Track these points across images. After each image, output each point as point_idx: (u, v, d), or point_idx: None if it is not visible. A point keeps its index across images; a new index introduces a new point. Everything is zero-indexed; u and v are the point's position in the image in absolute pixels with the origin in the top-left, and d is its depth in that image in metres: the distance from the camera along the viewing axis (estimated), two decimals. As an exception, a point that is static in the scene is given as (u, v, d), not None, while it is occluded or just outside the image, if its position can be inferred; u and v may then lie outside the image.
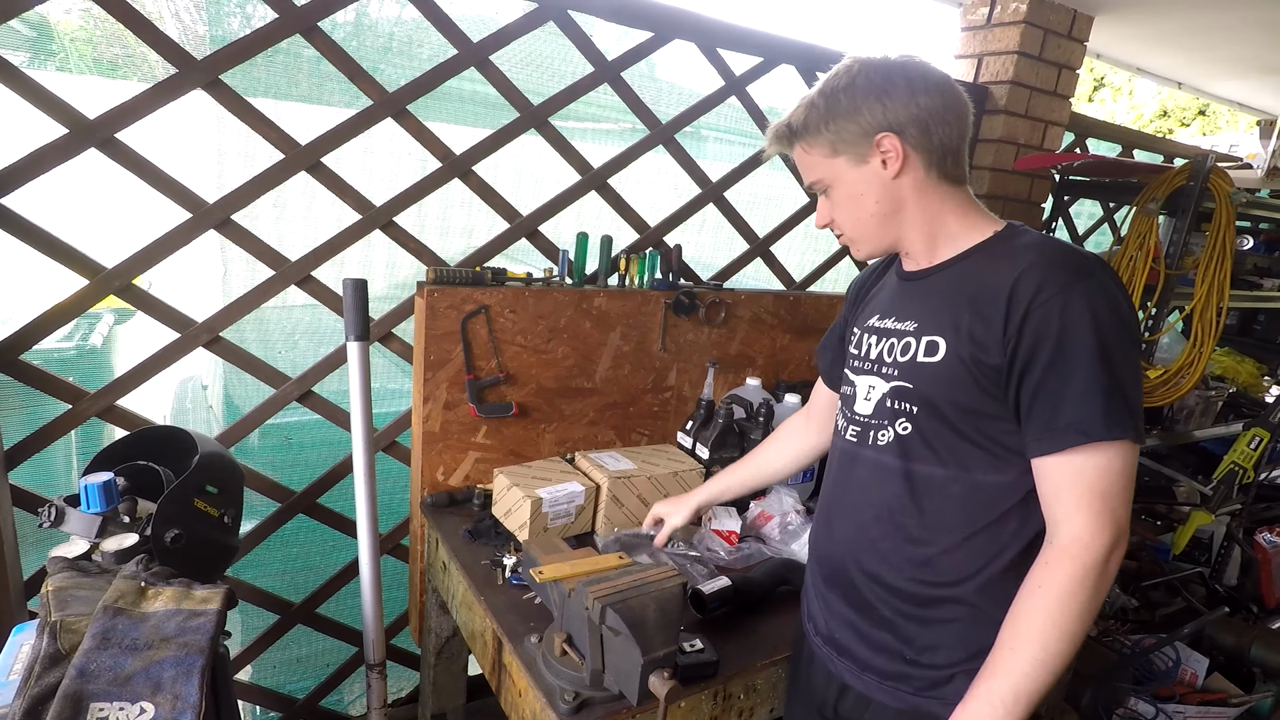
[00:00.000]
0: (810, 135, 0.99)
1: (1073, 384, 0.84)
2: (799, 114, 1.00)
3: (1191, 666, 2.31)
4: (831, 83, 0.97)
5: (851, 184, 0.98)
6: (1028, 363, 0.86)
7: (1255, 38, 2.55)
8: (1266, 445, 2.56)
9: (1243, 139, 3.46)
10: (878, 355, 1.03)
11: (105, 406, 1.45)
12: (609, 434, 1.87)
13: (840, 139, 0.96)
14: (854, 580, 1.05)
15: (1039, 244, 0.92)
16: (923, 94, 0.93)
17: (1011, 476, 0.92)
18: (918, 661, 0.99)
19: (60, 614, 0.89)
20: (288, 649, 1.90)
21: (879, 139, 0.94)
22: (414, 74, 1.60)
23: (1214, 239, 2.16)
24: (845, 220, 1.02)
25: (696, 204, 2.01)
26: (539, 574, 1.13)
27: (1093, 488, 0.85)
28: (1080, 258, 0.88)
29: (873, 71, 0.94)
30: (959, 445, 0.94)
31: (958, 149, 0.97)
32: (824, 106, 0.96)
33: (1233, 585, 2.99)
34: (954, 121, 0.95)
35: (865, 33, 16.70)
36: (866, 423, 1.04)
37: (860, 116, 0.94)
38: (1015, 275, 0.87)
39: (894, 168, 0.95)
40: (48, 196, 1.38)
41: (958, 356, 0.91)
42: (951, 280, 0.97)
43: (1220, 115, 10.30)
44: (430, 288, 1.56)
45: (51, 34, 1.52)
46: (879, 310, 1.07)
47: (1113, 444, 0.84)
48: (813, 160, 1.01)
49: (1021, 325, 0.85)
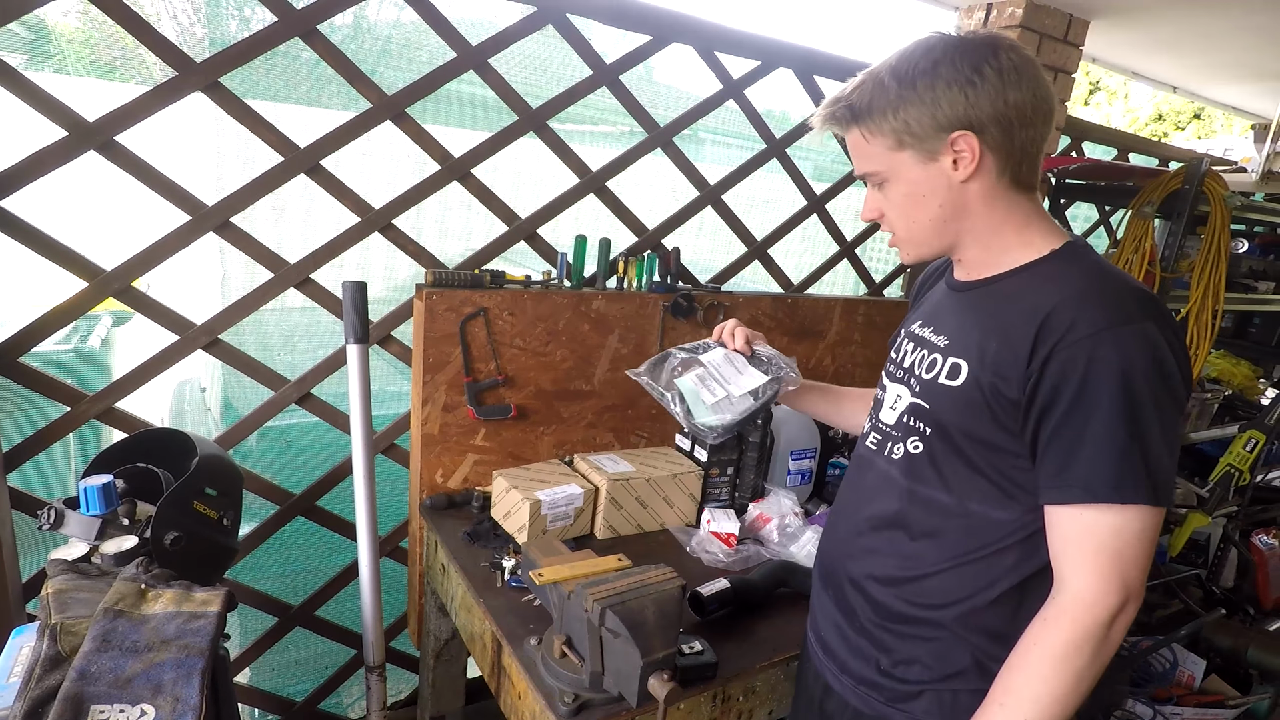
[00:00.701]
0: (874, 120, 0.86)
1: (1088, 438, 0.77)
2: (863, 93, 0.86)
3: (1189, 668, 2.32)
4: (907, 63, 0.83)
5: (913, 183, 0.87)
6: (1047, 406, 0.80)
7: (1249, 43, 2.57)
8: (1262, 447, 2.57)
9: (1238, 143, 3.48)
10: (910, 365, 0.98)
11: (104, 409, 1.45)
12: (607, 436, 1.88)
13: (909, 131, 0.84)
14: (843, 584, 1.04)
15: (1088, 273, 0.82)
16: (1013, 88, 0.81)
17: (1016, 514, 0.87)
18: (890, 673, 0.97)
19: (61, 616, 0.89)
20: (286, 651, 1.89)
21: (954, 137, 0.82)
22: (412, 76, 1.60)
23: (1209, 242, 2.17)
24: (899, 220, 0.92)
25: (694, 207, 2.01)
26: (538, 576, 1.13)
27: (1102, 546, 0.78)
28: (1129, 298, 0.78)
29: (960, 56, 0.81)
30: (966, 475, 0.89)
31: (1035, 154, 0.86)
32: (896, 91, 0.83)
33: (1229, 587, 3.00)
34: (1039, 123, 0.84)
35: (862, 36, 16.64)
36: (887, 433, 0.99)
37: (939, 108, 0.82)
38: (1051, 306, 0.79)
39: (965, 171, 0.84)
40: (47, 199, 1.39)
41: (978, 384, 0.86)
42: (991, 299, 0.89)
43: (1215, 119, 10.35)
44: (429, 290, 1.56)
45: (49, 36, 1.52)
46: (923, 316, 1.01)
47: (1124, 507, 0.77)
48: (871, 150, 0.88)
49: (1045, 363, 0.79)
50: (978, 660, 0.91)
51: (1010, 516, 0.87)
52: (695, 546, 1.56)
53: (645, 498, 1.61)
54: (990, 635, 0.91)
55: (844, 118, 0.89)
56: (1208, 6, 2.25)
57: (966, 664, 0.92)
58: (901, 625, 0.96)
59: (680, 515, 1.67)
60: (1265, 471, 2.87)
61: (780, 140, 2.09)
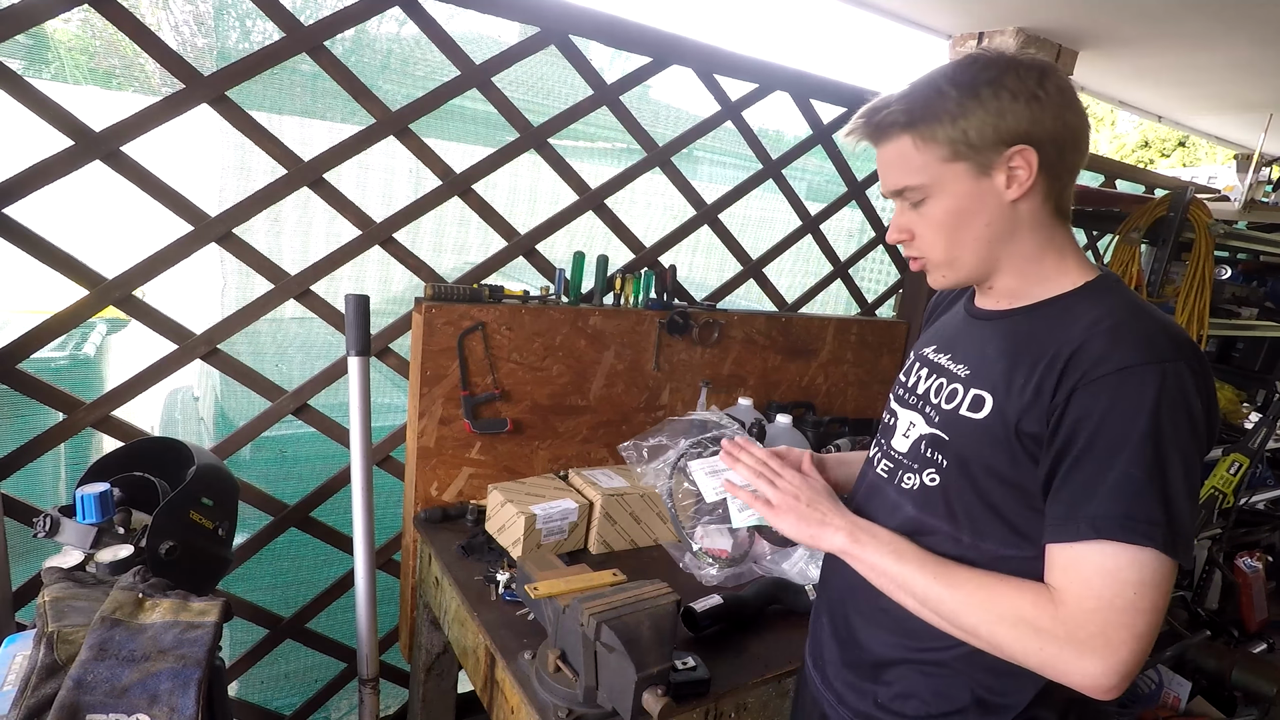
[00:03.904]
0: (930, 127, 0.81)
1: (1103, 477, 0.73)
2: (919, 99, 0.82)
3: (1174, 690, 2.34)
4: (968, 73, 0.80)
5: (961, 197, 0.83)
6: (1066, 443, 0.76)
7: (1232, 76, 2.64)
8: (1246, 470, 2.61)
9: (1221, 171, 3.56)
10: (925, 391, 0.94)
11: (101, 416, 1.45)
12: (602, 451, 1.89)
13: (967, 141, 0.80)
14: (845, 613, 1.01)
15: (1119, 309, 0.79)
16: (1070, 110, 0.79)
17: (1029, 554, 0.82)
18: (887, 707, 0.94)
19: (57, 624, 0.89)
20: (276, 664, 1.88)
21: (1013, 151, 0.79)
22: (411, 90, 1.62)
23: (1194, 269, 2.22)
24: (938, 239, 0.86)
25: (691, 225, 2.04)
26: (534, 590, 1.14)
27: (1102, 590, 0.72)
28: (1161, 337, 0.75)
29: (1025, 71, 0.79)
30: (981, 512, 0.85)
31: (1072, 183, 0.85)
32: (956, 98, 0.80)
33: (1214, 609, 3.02)
34: (1084, 150, 0.83)
35: (855, 63, 16.87)
36: (899, 461, 0.95)
37: (1004, 119, 0.79)
38: (1080, 341, 0.77)
39: (1018, 190, 0.81)
40: (48, 205, 1.39)
41: (1002, 417, 0.82)
42: (1019, 330, 0.85)
43: (1200, 147, 10.56)
44: (428, 304, 1.57)
45: (48, 43, 1.53)
46: (938, 341, 0.98)
47: (1136, 549, 0.71)
48: (920, 161, 0.83)
49: (1069, 399, 0.75)
50: (979, 697, 0.88)
51: (1023, 556, 0.83)
52: (688, 562, 1.56)
53: (639, 513, 1.62)
54: (995, 672, 0.86)
55: (896, 123, 0.84)
56: (1191, 41, 2.31)
57: (966, 701, 0.89)
58: (902, 661, 0.93)
59: (673, 531, 1.68)
60: (1249, 494, 2.91)
61: (776, 161, 2.13)
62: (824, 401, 2.31)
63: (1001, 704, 0.87)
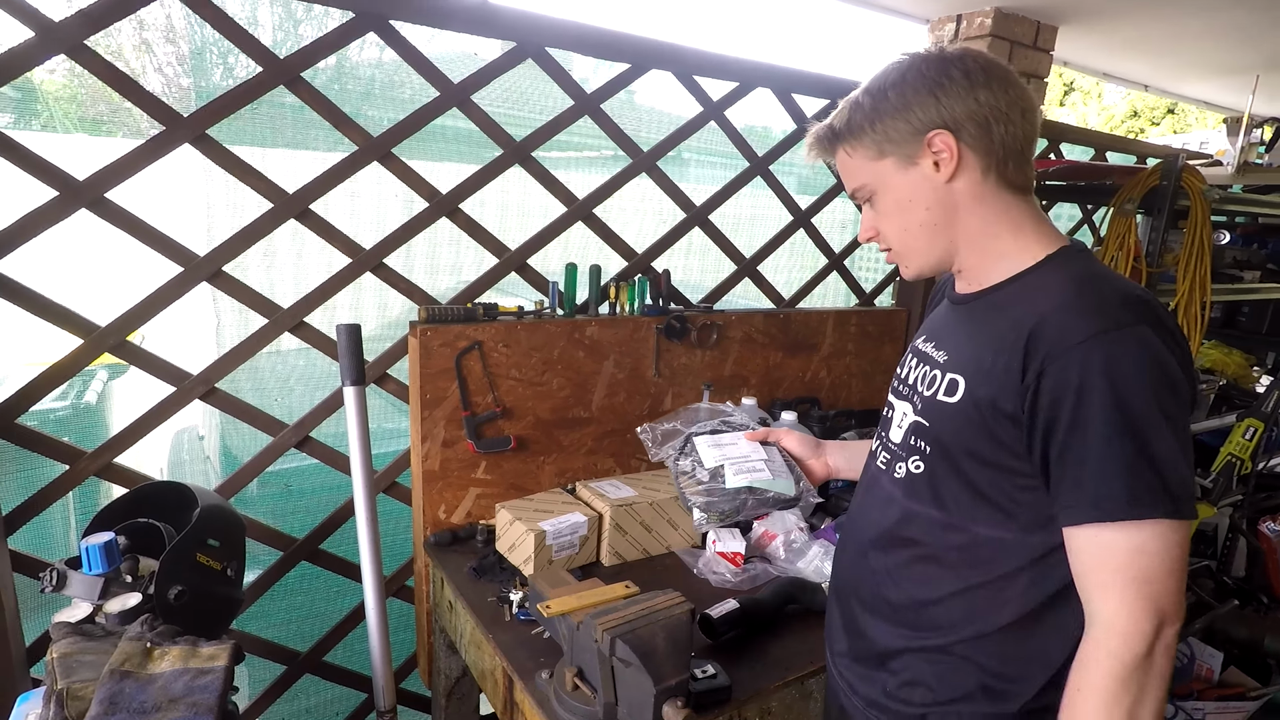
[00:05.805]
0: (854, 136, 0.89)
1: (1092, 453, 0.74)
2: (842, 115, 0.91)
3: (1206, 661, 2.31)
4: (879, 80, 0.88)
5: (898, 189, 0.89)
6: (1050, 423, 0.77)
7: (1215, 40, 2.62)
8: (1261, 435, 2.57)
9: (1212, 136, 3.54)
10: (914, 381, 0.96)
11: (103, 465, 1.44)
12: (608, 462, 1.87)
13: (888, 139, 0.86)
14: (851, 604, 1.03)
15: (1076, 279, 0.81)
16: (983, 88, 0.83)
17: (1023, 536, 0.84)
18: (895, 695, 0.95)
19: (66, 681, 0.88)
20: (296, 700, 1.87)
21: (930, 137, 0.84)
22: (396, 115, 1.62)
23: (1191, 235, 2.19)
24: (891, 232, 0.92)
25: (682, 228, 2.03)
26: (546, 608, 1.12)
27: (1125, 568, 0.74)
28: (1117, 302, 0.76)
29: (926, 65, 0.85)
30: (967, 496, 0.86)
31: (1021, 151, 0.85)
32: (870, 105, 0.87)
33: (1241, 577, 2.98)
34: (1018, 120, 0.84)
35: (835, 52, 16.89)
36: (895, 452, 0.97)
37: (911, 113, 0.84)
38: (1039, 316, 0.78)
39: (947, 170, 0.85)
40: (38, 256, 1.39)
41: (973, 399, 0.84)
42: (985, 311, 0.88)
43: (1189, 113, 10.51)
44: (423, 326, 1.57)
45: (36, 94, 1.53)
46: (927, 331, 1.00)
47: (1142, 523, 0.73)
48: (856, 164, 0.91)
49: (1040, 377, 0.76)
50: (984, 684, 0.89)
51: (1017, 539, 0.84)
52: (702, 568, 1.55)
53: (649, 521, 1.61)
54: (1001, 658, 0.87)
55: (827, 139, 0.93)
56: (1172, 7, 2.30)
57: (972, 687, 0.89)
58: (906, 650, 0.94)
59: (685, 537, 1.67)
60: (1267, 459, 2.87)
61: (763, 158, 2.12)
62: (828, 395, 2.29)
63: (1009, 690, 0.87)
